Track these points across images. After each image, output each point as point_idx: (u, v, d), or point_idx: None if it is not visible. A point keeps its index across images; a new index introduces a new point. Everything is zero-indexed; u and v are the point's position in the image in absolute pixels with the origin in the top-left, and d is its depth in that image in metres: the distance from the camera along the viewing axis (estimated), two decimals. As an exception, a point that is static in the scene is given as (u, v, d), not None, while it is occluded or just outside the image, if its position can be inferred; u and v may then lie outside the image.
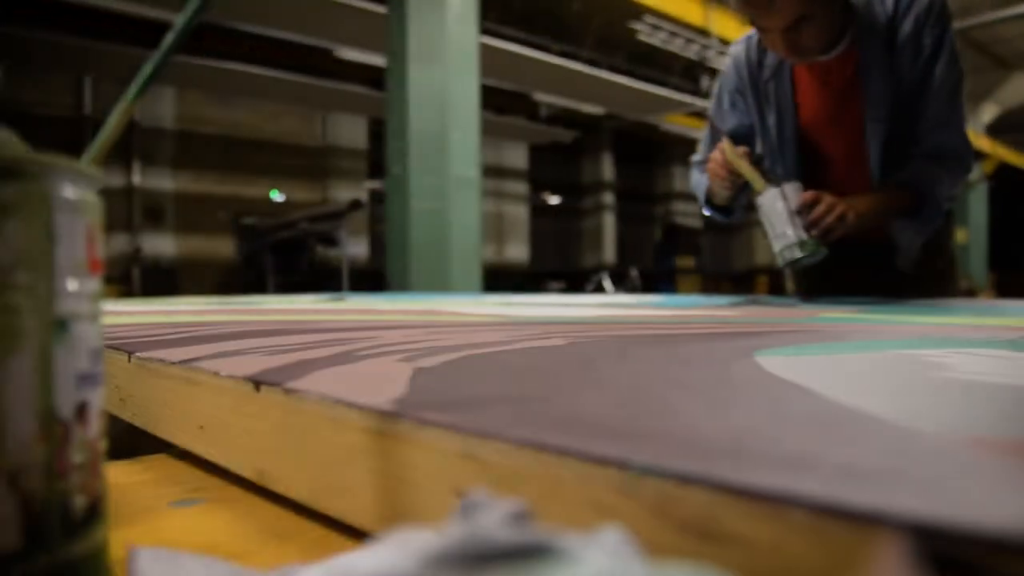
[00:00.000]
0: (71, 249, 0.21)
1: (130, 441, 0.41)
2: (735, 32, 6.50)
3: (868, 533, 0.14)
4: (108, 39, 5.29)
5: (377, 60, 5.27)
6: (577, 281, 8.39)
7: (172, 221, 6.65)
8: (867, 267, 1.31)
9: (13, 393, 0.19)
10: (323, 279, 5.46)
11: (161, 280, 6.29)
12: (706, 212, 1.37)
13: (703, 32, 6.57)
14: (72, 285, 0.21)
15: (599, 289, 7.86)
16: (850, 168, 1.24)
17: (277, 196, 7.11)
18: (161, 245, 6.58)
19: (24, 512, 0.19)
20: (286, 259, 5.79)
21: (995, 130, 10.29)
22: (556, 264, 9.87)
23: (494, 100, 6.46)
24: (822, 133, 1.26)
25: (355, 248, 6.87)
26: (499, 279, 6.46)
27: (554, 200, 10.14)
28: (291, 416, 0.29)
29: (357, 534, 0.26)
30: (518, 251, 9.56)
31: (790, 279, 1.49)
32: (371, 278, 5.77)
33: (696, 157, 1.43)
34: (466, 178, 3.49)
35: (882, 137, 1.18)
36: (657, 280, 9.16)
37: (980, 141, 9.51)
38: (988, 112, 9.81)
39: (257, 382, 0.31)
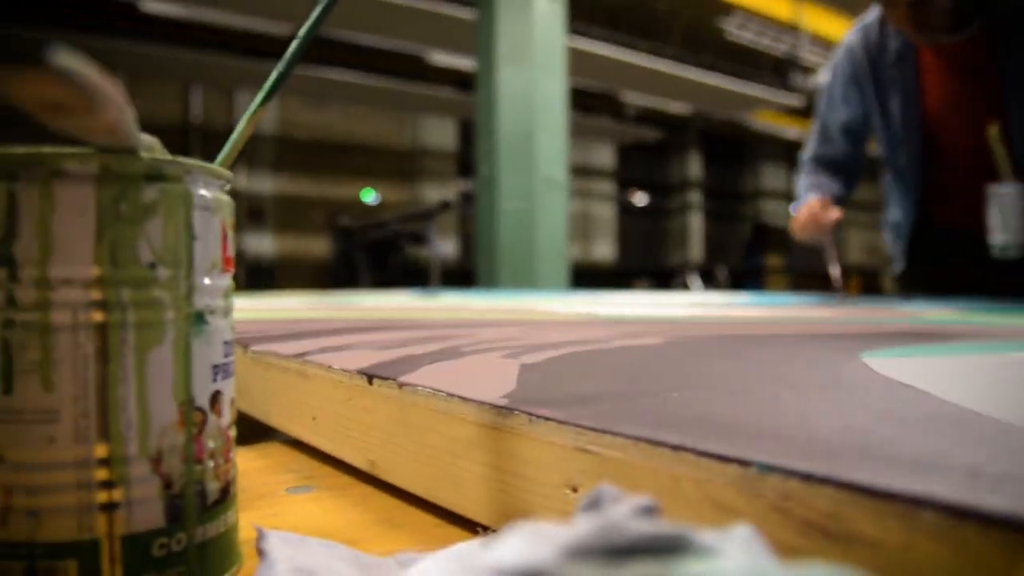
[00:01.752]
0: (207, 246, 0.22)
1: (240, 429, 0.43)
2: (827, 27, 6.28)
3: (1009, 538, 0.13)
4: (213, 50, 5.55)
5: (466, 64, 5.35)
6: (663, 280, 8.28)
7: (271, 222, 6.92)
8: (991, 265, 1.24)
9: (156, 382, 0.20)
10: (413, 277, 5.58)
11: (261, 278, 6.54)
12: None
13: (793, 28, 6.38)
14: (208, 280, 0.22)
15: (684, 287, 7.73)
16: (977, 155, 1.18)
17: (371, 197, 7.29)
18: (262, 244, 6.86)
19: (166, 493, 0.21)
20: (378, 258, 5.94)
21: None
22: (642, 262, 9.76)
23: (581, 100, 6.45)
24: (948, 119, 1.20)
25: (444, 247, 6.98)
26: (585, 277, 6.45)
27: (641, 199, 10.03)
28: (404, 409, 0.29)
29: (468, 524, 0.26)
30: (604, 249, 9.52)
31: (892, 276, 1.44)
32: (459, 276, 5.85)
33: (805, 156, 1.40)
34: (553, 178, 3.50)
35: None
36: (745, 279, 8.94)
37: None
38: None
39: (370, 376, 0.32)
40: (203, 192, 0.22)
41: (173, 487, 0.21)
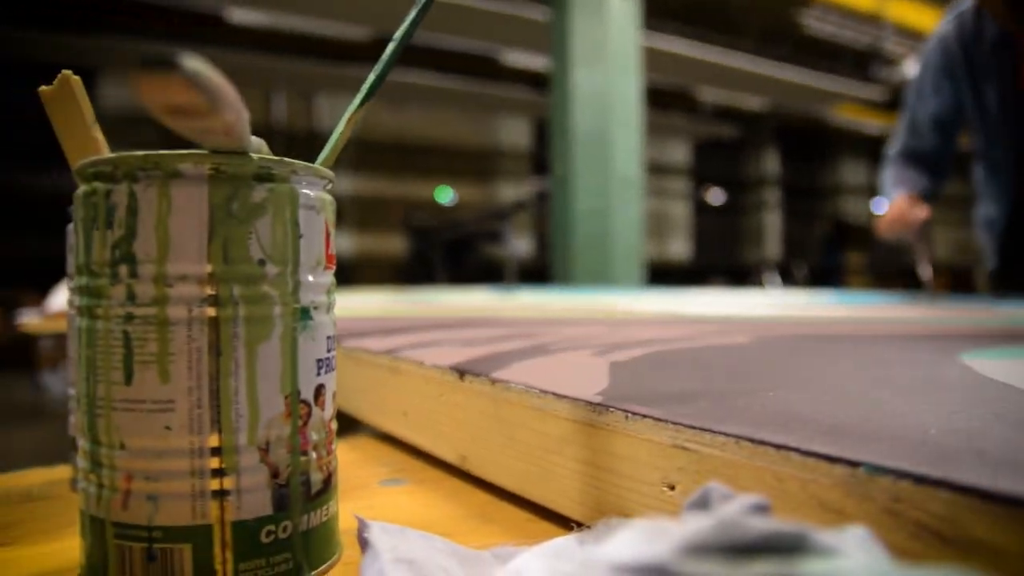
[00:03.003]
0: (312, 244, 0.23)
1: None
2: (913, 16, 6.02)
3: None
4: (293, 56, 5.72)
5: (540, 64, 5.36)
6: (739, 278, 8.10)
7: (350, 221, 7.08)
8: None
9: (265, 375, 0.21)
10: (488, 274, 5.62)
11: (341, 275, 6.69)
12: None
13: (875, 19, 6.14)
14: (312, 277, 0.23)
15: (760, 285, 7.54)
16: None
17: (447, 197, 7.37)
18: (341, 243, 7.03)
19: (272, 482, 0.21)
20: (454, 256, 6.01)
21: None
22: (718, 260, 9.58)
23: (656, 97, 6.37)
24: None
25: (519, 245, 7.00)
26: (660, 275, 6.38)
27: (717, 196, 9.84)
28: (496, 405, 0.30)
29: (560, 520, 0.26)
30: (679, 247, 9.39)
31: (985, 274, 1.37)
32: (534, 274, 5.87)
33: (891, 150, 1.36)
34: (628, 177, 3.48)
35: None
36: (824, 277, 8.67)
37: None
38: None
39: (462, 371, 0.32)
40: (308, 191, 0.23)
41: (279, 476, 0.22)
